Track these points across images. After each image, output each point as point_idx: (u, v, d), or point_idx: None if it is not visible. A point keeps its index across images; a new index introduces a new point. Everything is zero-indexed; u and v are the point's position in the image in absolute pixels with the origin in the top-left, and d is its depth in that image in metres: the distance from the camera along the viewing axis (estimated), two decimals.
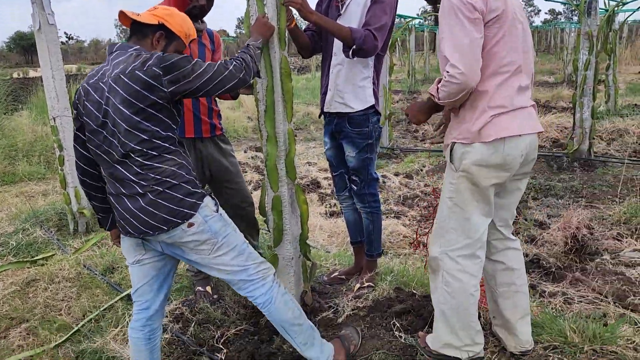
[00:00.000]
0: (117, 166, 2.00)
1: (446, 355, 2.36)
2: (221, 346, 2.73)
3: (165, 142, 2.01)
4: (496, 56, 2.10)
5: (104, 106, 1.97)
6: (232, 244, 2.13)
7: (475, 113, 2.12)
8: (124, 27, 2.26)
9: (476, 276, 2.27)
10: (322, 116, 3.19)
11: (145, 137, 1.96)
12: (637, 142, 7.04)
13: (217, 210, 2.11)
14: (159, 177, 1.98)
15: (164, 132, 2.00)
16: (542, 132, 2.28)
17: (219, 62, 2.06)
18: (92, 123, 2.01)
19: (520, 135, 2.14)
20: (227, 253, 2.11)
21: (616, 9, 8.29)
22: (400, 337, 2.59)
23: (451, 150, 2.22)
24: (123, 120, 1.94)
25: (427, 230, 4.40)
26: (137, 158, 1.97)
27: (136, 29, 2.11)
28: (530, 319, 2.51)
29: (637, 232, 4.03)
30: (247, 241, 3.38)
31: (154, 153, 1.99)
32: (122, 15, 2.14)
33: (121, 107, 1.93)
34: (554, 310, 2.90)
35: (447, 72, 2.04)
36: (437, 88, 2.13)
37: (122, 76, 1.93)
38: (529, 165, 2.29)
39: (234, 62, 2.10)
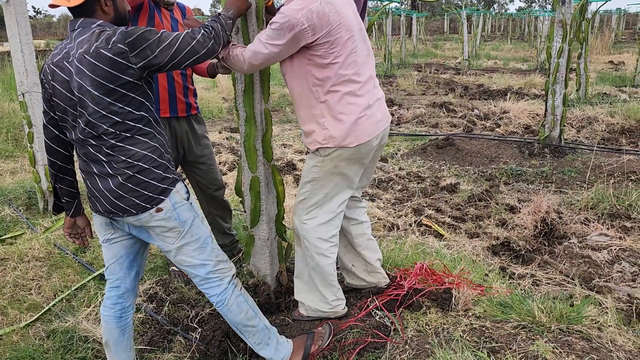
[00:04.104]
0: (89, 147, 1.95)
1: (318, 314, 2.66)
2: (195, 325, 2.74)
3: (139, 123, 1.95)
4: (348, 72, 2.29)
5: (72, 87, 1.89)
6: (196, 235, 2.09)
7: (339, 122, 2.33)
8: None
9: (332, 242, 2.54)
10: None
11: (118, 119, 1.91)
12: (605, 130, 7.21)
13: (188, 199, 2.07)
14: (130, 160, 1.94)
15: (137, 112, 1.94)
16: (390, 122, 2.62)
17: (185, 32, 1.96)
18: (62, 103, 1.95)
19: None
20: (189, 244, 2.08)
21: None
22: (375, 315, 2.63)
23: (316, 150, 2.43)
24: (94, 102, 1.87)
25: (401, 213, 4.45)
26: (108, 139, 1.92)
27: (78, 10, 1.95)
28: (495, 298, 2.69)
29: (603, 217, 4.15)
30: (219, 224, 3.41)
31: (127, 135, 1.93)
32: (54, 5, 1.97)
33: (91, 89, 1.86)
34: (522, 291, 2.98)
35: (244, 55, 2.23)
36: (229, 52, 2.31)
37: (86, 56, 1.85)
38: (382, 147, 2.60)
39: (202, 31, 2.00)
